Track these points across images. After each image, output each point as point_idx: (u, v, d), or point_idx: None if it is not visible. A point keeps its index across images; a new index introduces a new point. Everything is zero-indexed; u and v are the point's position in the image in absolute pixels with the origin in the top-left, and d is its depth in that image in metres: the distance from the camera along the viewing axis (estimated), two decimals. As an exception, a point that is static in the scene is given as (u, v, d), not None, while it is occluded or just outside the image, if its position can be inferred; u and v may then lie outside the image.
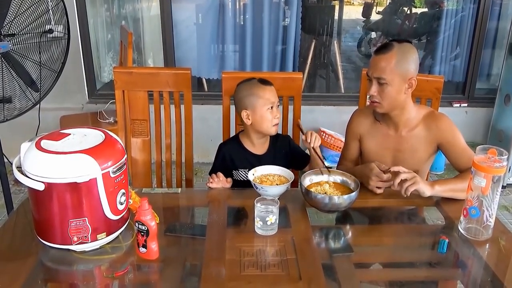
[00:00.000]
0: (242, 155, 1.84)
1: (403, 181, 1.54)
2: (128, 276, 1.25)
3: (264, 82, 1.79)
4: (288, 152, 1.90)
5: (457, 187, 1.59)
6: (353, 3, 5.85)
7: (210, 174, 1.88)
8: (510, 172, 3.27)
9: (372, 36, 4.84)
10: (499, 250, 1.37)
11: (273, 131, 1.80)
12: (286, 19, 3.79)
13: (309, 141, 1.73)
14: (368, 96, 1.80)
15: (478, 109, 3.73)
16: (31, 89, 2.28)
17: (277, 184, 1.59)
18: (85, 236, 1.27)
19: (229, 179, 1.74)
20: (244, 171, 1.82)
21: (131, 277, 1.25)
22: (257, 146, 1.86)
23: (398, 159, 1.76)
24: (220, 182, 1.71)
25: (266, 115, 1.76)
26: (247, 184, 1.80)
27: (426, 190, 1.55)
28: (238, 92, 1.82)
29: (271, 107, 1.76)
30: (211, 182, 1.71)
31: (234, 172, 1.85)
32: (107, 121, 3.15)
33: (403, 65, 1.62)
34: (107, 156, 1.25)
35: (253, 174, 1.63)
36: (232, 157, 1.85)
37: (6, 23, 2.10)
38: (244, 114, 1.79)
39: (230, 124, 2.07)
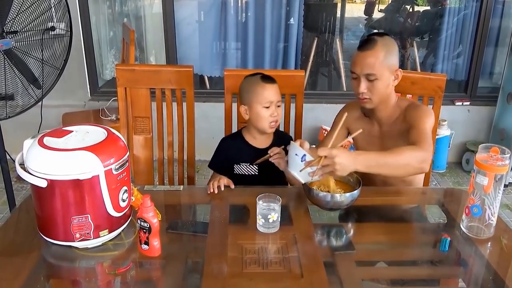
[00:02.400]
0: (244, 149, 1.84)
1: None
2: (130, 273, 1.25)
3: (266, 79, 1.77)
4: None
5: (383, 162, 1.47)
6: (355, 1, 5.83)
7: (209, 166, 1.89)
8: (512, 171, 3.27)
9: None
10: (501, 249, 1.37)
11: (269, 129, 1.78)
12: (288, 17, 3.78)
13: (269, 150, 1.72)
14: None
15: (480, 108, 3.72)
16: (34, 86, 2.29)
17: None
18: (88, 233, 1.27)
19: (231, 181, 1.71)
20: (246, 165, 1.82)
21: (133, 274, 1.26)
22: (259, 140, 1.85)
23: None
24: (223, 183, 1.69)
25: (262, 113, 1.75)
26: (247, 178, 1.81)
27: (342, 173, 1.42)
28: (241, 86, 1.82)
29: (268, 106, 1.74)
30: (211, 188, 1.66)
31: (235, 166, 1.84)
32: (109, 118, 3.15)
33: (389, 58, 1.63)
34: (109, 153, 1.25)
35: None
36: (233, 151, 1.86)
37: (8, 20, 2.10)
38: (242, 109, 1.80)
39: (232, 121, 2.07)
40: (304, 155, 1.44)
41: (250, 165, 1.82)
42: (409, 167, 1.50)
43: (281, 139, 1.89)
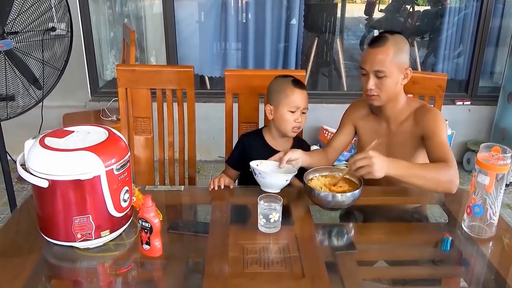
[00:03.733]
0: (262, 149, 1.84)
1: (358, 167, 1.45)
2: (132, 273, 1.25)
3: (297, 84, 1.76)
4: None
5: (416, 172, 1.51)
6: (355, 1, 5.84)
7: (227, 162, 1.91)
8: (513, 171, 3.27)
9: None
10: (502, 248, 1.37)
11: (291, 133, 1.79)
12: (289, 17, 3.78)
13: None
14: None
15: (481, 107, 3.72)
16: (34, 87, 2.29)
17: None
18: (89, 233, 1.27)
19: (232, 181, 1.72)
20: None
21: (135, 274, 1.26)
22: (279, 142, 1.85)
23: (390, 154, 1.75)
24: (224, 182, 1.69)
25: (286, 116, 1.75)
26: None
27: (379, 173, 1.45)
28: (270, 85, 1.82)
29: (294, 111, 1.74)
30: (212, 187, 1.68)
31: (251, 164, 1.84)
32: (109, 119, 3.15)
33: (399, 56, 1.62)
34: (110, 154, 1.25)
35: (257, 165, 1.64)
36: (251, 149, 1.85)
37: (9, 21, 2.10)
38: (267, 108, 1.79)
39: (232, 122, 2.06)
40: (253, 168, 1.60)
41: None
42: (439, 184, 1.53)
43: (300, 146, 1.88)
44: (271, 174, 1.58)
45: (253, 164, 1.62)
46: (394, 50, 1.61)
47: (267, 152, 1.81)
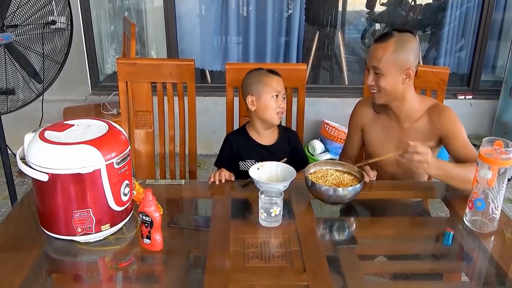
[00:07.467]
0: (249, 146, 1.84)
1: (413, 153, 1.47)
2: (132, 267, 1.25)
3: (272, 71, 1.80)
4: (293, 148, 1.89)
5: (452, 172, 1.55)
6: (357, -6, 5.80)
7: (215, 164, 1.88)
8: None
9: (376, 28, 4.79)
10: (504, 243, 1.36)
11: (276, 120, 1.80)
12: (290, 10, 3.77)
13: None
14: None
15: (483, 101, 3.70)
16: (34, 80, 2.28)
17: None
18: (89, 227, 1.27)
19: (232, 174, 1.73)
20: (251, 162, 1.81)
21: (135, 268, 1.26)
22: (264, 136, 1.85)
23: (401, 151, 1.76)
24: (224, 176, 1.70)
25: (270, 103, 1.76)
26: None
27: (423, 171, 1.51)
28: (246, 79, 1.83)
29: (276, 96, 1.76)
30: (213, 180, 1.68)
31: (240, 162, 1.84)
32: (110, 112, 3.14)
33: (400, 55, 1.60)
34: (111, 147, 1.25)
35: (258, 168, 1.63)
36: (238, 147, 1.85)
37: (9, 14, 2.09)
38: (249, 99, 1.79)
39: (233, 116, 2.06)
40: None
41: (255, 162, 1.80)
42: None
43: (286, 134, 1.88)
44: (269, 184, 1.55)
45: (253, 170, 1.61)
46: (394, 48, 1.59)
47: (255, 148, 1.83)
